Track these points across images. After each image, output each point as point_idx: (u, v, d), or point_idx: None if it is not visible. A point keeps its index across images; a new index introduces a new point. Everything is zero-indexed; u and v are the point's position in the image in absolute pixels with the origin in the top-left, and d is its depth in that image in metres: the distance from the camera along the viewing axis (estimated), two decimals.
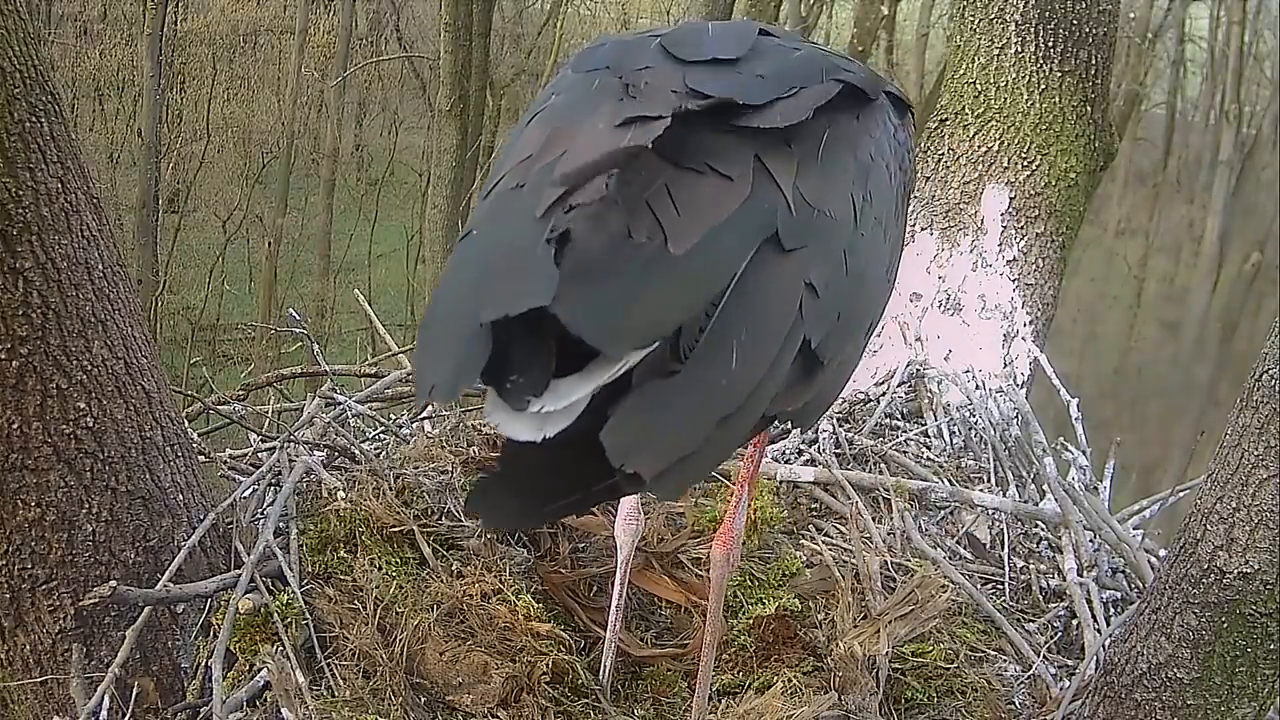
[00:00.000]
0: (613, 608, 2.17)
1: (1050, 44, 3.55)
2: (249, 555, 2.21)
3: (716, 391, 1.26)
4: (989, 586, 2.69)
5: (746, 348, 1.28)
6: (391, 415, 3.07)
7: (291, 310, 3.36)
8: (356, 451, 2.54)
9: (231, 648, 2.12)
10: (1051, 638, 2.54)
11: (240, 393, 3.05)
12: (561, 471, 1.27)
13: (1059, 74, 3.57)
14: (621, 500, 2.10)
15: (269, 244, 14.58)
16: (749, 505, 2.05)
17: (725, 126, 1.40)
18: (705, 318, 1.27)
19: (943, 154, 3.69)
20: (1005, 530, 2.81)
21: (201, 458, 2.49)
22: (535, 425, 1.20)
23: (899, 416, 3.23)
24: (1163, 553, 2.74)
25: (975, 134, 3.62)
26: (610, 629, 2.18)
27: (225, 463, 2.72)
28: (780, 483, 2.78)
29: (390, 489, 2.33)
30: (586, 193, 1.25)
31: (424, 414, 3.02)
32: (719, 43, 1.54)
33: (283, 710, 1.99)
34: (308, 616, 2.16)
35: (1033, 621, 2.60)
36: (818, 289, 1.39)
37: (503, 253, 1.27)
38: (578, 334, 1.15)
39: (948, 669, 2.32)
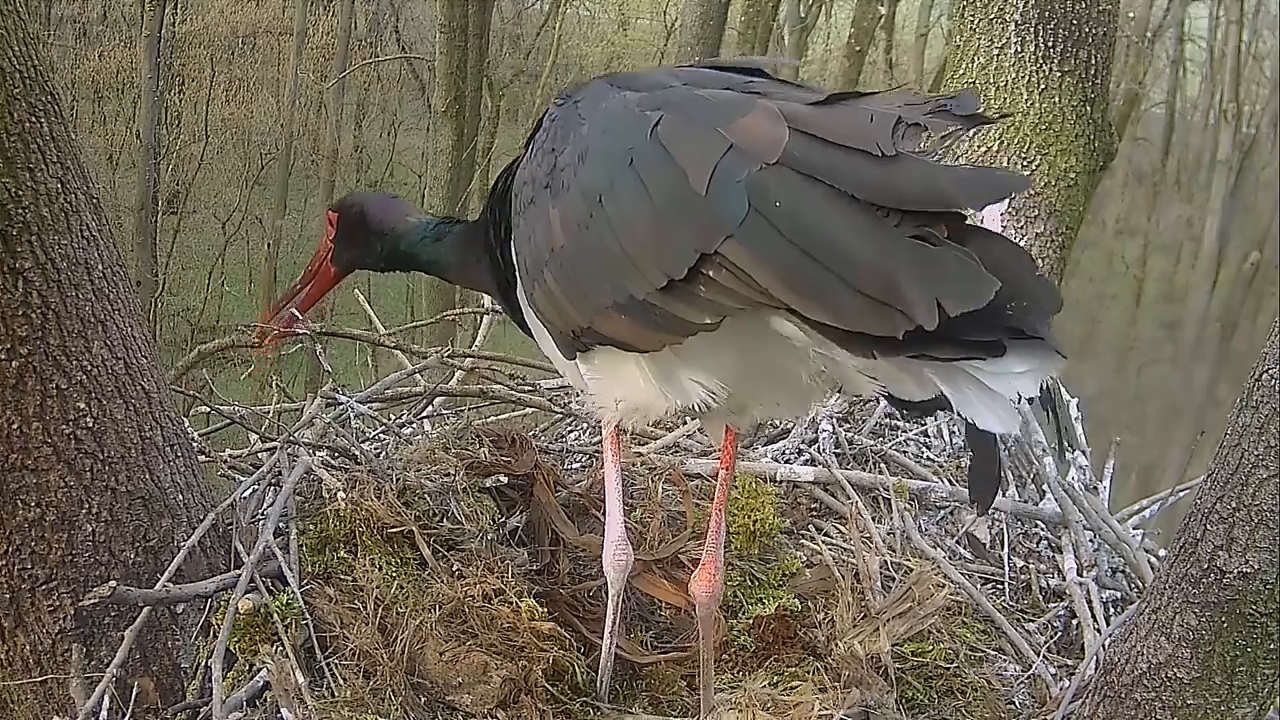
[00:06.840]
0: (606, 632, 2.15)
1: (1050, 44, 3.55)
2: (249, 555, 2.20)
3: None
4: (989, 586, 2.69)
5: None
6: (392, 415, 3.06)
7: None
8: (357, 452, 2.53)
9: (231, 648, 2.12)
10: (1051, 638, 2.54)
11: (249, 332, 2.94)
12: None
13: (1059, 74, 3.57)
14: (607, 525, 2.06)
15: (268, 245, 14.56)
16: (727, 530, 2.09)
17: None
18: None
19: (942, 154, 3.69)
20: (1005, 530, 2.81)
21: (202, 457, 2.48)
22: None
23: (899, 416, 3.24)
24: (1163, 553, 2.75)
25: (975, 134, 3.62)
26: (605, 651, 2.17)
27: (225, 463, 2.72)
28: (780, 482, 2.78)
29: (391, 489, 2.32)
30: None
31: (424, 413, 3.01)
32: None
33: (283, 710, 1.99)
34: (308, 616, 2.15)
35: (1033, 621, 2.60)
36: None
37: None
38: None
39: (948, 669, 2.32)
